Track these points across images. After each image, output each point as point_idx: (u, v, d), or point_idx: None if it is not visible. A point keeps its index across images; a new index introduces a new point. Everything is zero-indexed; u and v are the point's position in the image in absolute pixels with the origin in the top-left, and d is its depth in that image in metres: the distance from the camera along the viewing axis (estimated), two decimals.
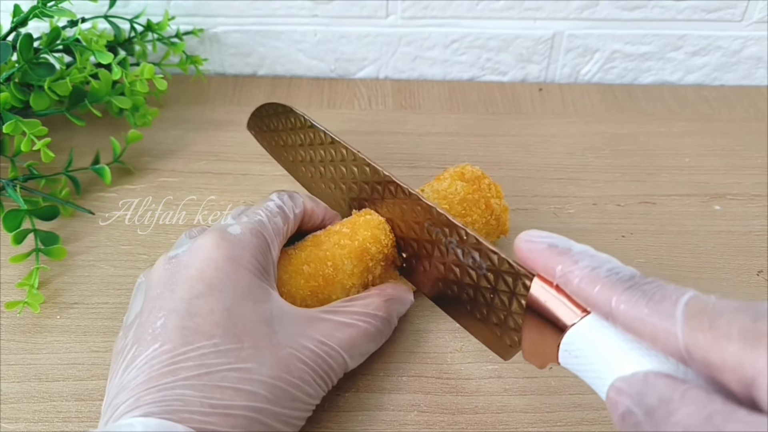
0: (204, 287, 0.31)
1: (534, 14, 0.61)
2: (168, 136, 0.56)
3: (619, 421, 0.24)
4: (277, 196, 0.38)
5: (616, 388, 0.25)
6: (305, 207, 0.39)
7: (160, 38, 0.58)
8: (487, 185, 0.42)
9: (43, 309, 0.41)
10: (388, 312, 0.37)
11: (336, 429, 0.36)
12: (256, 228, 0.35)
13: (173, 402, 0.28)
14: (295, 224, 0.38)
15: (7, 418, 0.36)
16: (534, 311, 0.30)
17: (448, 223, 0.36)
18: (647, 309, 0.24)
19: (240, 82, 0.64)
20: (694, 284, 0.43)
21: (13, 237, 0.43)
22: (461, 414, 0.36)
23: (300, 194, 0.39)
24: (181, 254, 0.33)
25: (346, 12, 0.61)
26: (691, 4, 0.60)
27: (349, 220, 0.40)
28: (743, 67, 0.63)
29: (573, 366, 0.29)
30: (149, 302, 0.32)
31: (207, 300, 0.31)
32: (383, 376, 0.38)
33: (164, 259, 0.33)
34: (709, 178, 0.52)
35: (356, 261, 0.37)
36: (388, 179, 0.39)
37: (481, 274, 0.34)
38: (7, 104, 0.46)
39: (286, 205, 0.37)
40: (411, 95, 0.62)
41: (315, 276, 0.36)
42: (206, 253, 0.32)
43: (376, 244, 0.38)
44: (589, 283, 0.26)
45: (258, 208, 0.37)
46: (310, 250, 0.38)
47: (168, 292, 0.31)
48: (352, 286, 0.37)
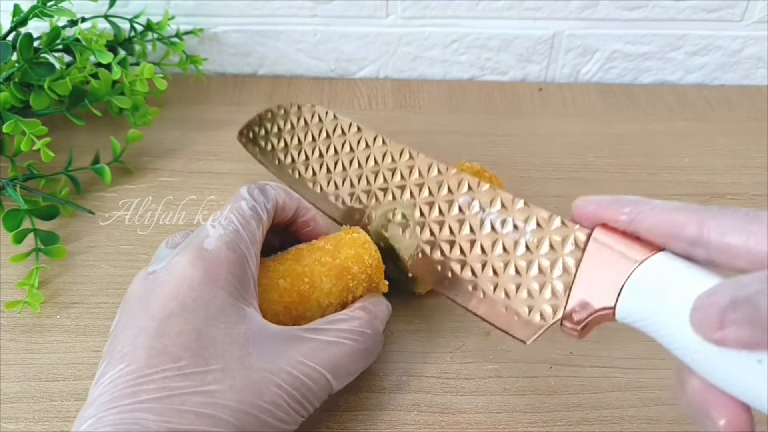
0: (177, 306, 0.30)
1: (534, 14, 0.61)
2: (168, 136, 0.56)
3: (715, 325, 0.23)
4: (248, 191, 0.36)
5: (706, 296, 0.24)
6: (277, 201, 0.37)
7: (160, 38, 0.58)
8: (488, 178, 0.42)
9: (43, 309, 0.41)
10: (375, 329, 0.35)
11: (336, 429, 0.36)
12: (232, 241, 0.33)
13: (131, 425, 0.27)
14: (269, 221, 0.37)
15: (7, 418, 0.36)
16: (592, 261, 0.29)
17: (490, 193, 0.36)
18: (743, 222, 0.25)
19: (240, 82, 0.64)
20: None
21: (13, 237, 0.43)
22: (461, 414, 0.36)
23: (271, 185, 0.38)
24: (159, 270, 0.32)
25: (346, 12, 0.61)
26: (691, 4, 0.60)
27: (334, 236, 0.38)
28: (743, 67, 0.63)
29: (637, 312, 0.28)
30: (123, 318, 0.31)
31: (177, 320, 0.30)
32: (383, 376, 0.38)
33: (143, 274, 0.33)
34: (709, 178, 0.52)
35: (335, 280, 0.36)
36: (423, 159, 0.39)
37: (523, 240, 0.34)
38: (7, 104, 0.46)
39: (258, 203, 0.36)
40: (411, 95, 0.62)
41: (290, 291, 0.35)
42: (182, 272, 0.31)
43: (359, 264, 0.37)
44: (670, 211, 0.27)
45: (231, 211, 0.35)
46: (289, 264, 0.37)
47: (141, 309, 0.31)
48: (328, 305, 0.36)
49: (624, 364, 0.39)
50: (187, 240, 0.34)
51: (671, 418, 0.36)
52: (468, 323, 0.41)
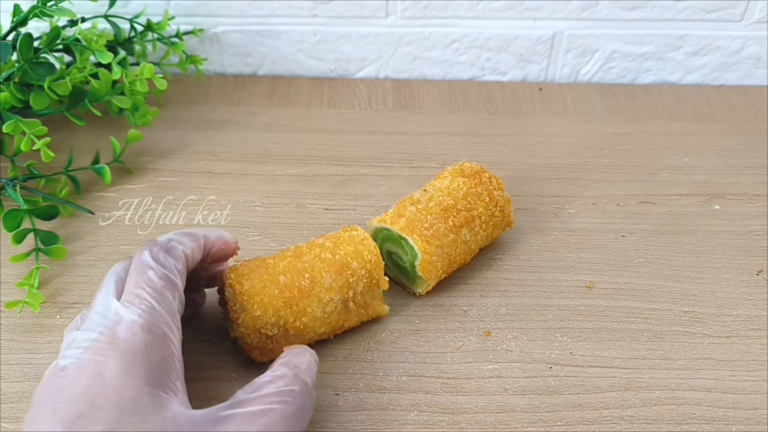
0: (86, 407, 0.28)
1: (534, 14, 0.61)
2: (168, 136, 0.56)
3: None
4: (151, 256, 0.33)
5: None
6: (186, 256, 0.35)
7: (160, 38, 0.58)
8: (488, 178, 0.43)
9: (43, 309, 0.41)
10: (304, 384, 0.32)
11: (336, 429, 0.36)
12: (147, 322, 0.31)
13: None
14: (184, 281, 0.34)
15: (7, 418, 0.36)
16: None
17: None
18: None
19: (240, 82, 0.64)
20: (694, 284, 0.43)
21: (13, 237, 0.43)
22: (461, 414, 0.36)
23: (175, 239, 0.35)
24: (69, 367, 0.30)
25: (346, 12, 0.61)
26: (691, 4, 0.60)
27: (333, 234, 0.39)
28: (743, 67, 0.63)
29: None
30: (30, 420, 0.29)
31: (87, 421, 0.28)
32: (383, 376, 0.38)
33: (53, 369, 0.30)
34: (708, 177, 0.52)
35: (335, 275, 0.37)
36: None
37: None
38: (7, 104, 0.46)
39: (168, 268, 0.33)
40: (411, 95, 0.62)
41: (290, 287, 0.36)
42: (94, 368, 0.29)
43: (358, 260, 0.38)
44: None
45: (139, 285, 0.32)
46: (289, 261, 0.37)
47: (48, 412, 0.28)
48: (329, 301, 0.37)
49: (624, 364, 0.39)
50: (100, 327, 0.31)
51: (671, 418, 0.36)
52: (468, 323, 0.41)
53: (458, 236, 0.41)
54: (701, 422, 0.36)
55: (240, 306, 0.36)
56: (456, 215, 0.41)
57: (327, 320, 0.37)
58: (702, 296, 0.43)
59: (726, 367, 0.39)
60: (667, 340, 0.40)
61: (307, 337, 0.38)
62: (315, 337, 0.38)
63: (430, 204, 0.41)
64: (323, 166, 0.53)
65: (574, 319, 0.41)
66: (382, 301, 0.40)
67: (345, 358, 0.39)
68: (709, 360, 0.39)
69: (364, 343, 0.40)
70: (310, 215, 0.49)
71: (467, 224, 0.41)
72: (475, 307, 0.42)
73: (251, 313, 0.36)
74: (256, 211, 0.49)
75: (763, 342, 0.40)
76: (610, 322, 0.41)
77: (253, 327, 0.36)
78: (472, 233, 0.41)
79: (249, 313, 0.36)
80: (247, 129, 0.57)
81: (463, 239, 0.41)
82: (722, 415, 0.36)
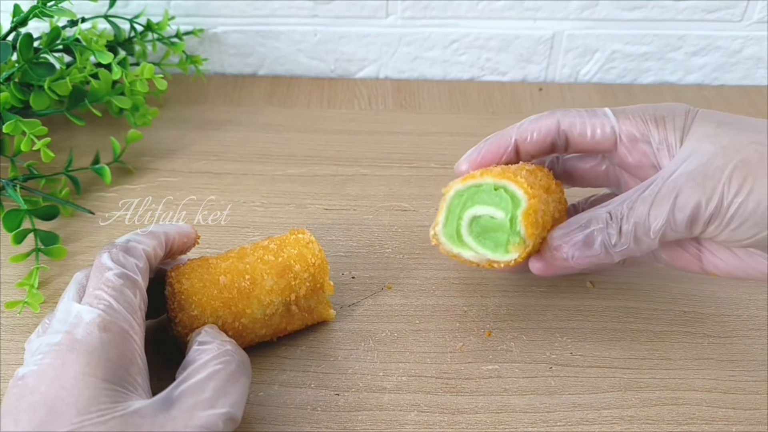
0: (46, 413, 0.29)
1: (534, 14, 0.61)
2: (168, 136, 0.56)
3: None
4: (110, 257, 0.34)
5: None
6: (147, 254, 0.35)
7: (160, 38, 0.58)
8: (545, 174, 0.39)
9: (43, 309, 0.41)
10: (231, 342, 0.34)
11: (336, 429, 0.36)
12: (105, 320, 0.31)
13: None
14: (146, 278, 0.35)
15: None
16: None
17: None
18: (585, 117, 0.37)
19: (240, 82, 0.64)
20: (693, 284, 0.43)
21: (13, 237, 0.43)
22: (461, 414, 0.36)
23: (135, 238, 0.36)
24: (29, 374, 0.30)
25: (346, 12, 0.61)
26: (691, 4, 0.60)
27: (279, 237, 0.39)
28: (743, 67, 0.63)
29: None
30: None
31: (49, 427, 0.28)
32: (383, 376, 0.38)
33: (14, 380, 0.31)
34: None
35: (277, 278, 0.36)
36: None
37: None
38: (7, 104, 0.46)
39: (128, 267, 0.34)
40: (411, 95, 0.62)
41: (230, 288, 0.36)
42: (52, 374, 0.29)
43: (302, 263, 0.37)
44: (536, 121, 0.38)
45: (97, 286, 0.32)
46: (231, 261, 0.37)
47: (12, 423, 0.29)
48: (270, 303, 0.36)
49: (624, 364, 0.39)
50: (61, 331, 0.31)
51: (671, 419, 0.36)
52: (468, 323, 0.41)
53: (549, 196, 0.37)
54: (701, 422, 0.36)
55: (178, 305, 0.36)
56: (541, 179, 0.37)
57: (268, 322, 0.37)
58: (702, 296, 0.43)
59: (726, 367, 0.39)
60: (667, 340, 0.40)
61: (248, 338, 0.37)
62: (256, 338, 0.38)
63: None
64: (323, 166, 0.53)
65: (574, 319, 0.41)
66: (328, 305, 0.40)
67: (345, 358, 0.39)
68: (709, 360, 0.39)
69: (364, 343, 0.40)
70: (310, 215, 0.49)
71: (550, 193, 0.37)
72: (475, 307, 0.42)
73: (188, 312, 0.35)
74: (256, 211, 0.49)
75: (763, 342, 0.40)
76: (610, 322, 0.41)
77: (191, 326, 0.35)
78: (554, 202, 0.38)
79: (186, 312, 0.35)
80: (247, 129, 0.57)
81: (552, 204, 0.37)
82: (722, 415, 0.36)
